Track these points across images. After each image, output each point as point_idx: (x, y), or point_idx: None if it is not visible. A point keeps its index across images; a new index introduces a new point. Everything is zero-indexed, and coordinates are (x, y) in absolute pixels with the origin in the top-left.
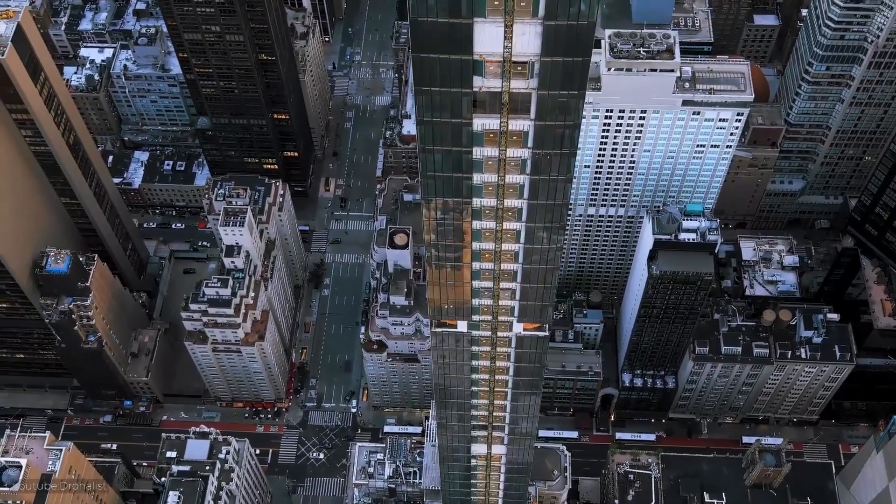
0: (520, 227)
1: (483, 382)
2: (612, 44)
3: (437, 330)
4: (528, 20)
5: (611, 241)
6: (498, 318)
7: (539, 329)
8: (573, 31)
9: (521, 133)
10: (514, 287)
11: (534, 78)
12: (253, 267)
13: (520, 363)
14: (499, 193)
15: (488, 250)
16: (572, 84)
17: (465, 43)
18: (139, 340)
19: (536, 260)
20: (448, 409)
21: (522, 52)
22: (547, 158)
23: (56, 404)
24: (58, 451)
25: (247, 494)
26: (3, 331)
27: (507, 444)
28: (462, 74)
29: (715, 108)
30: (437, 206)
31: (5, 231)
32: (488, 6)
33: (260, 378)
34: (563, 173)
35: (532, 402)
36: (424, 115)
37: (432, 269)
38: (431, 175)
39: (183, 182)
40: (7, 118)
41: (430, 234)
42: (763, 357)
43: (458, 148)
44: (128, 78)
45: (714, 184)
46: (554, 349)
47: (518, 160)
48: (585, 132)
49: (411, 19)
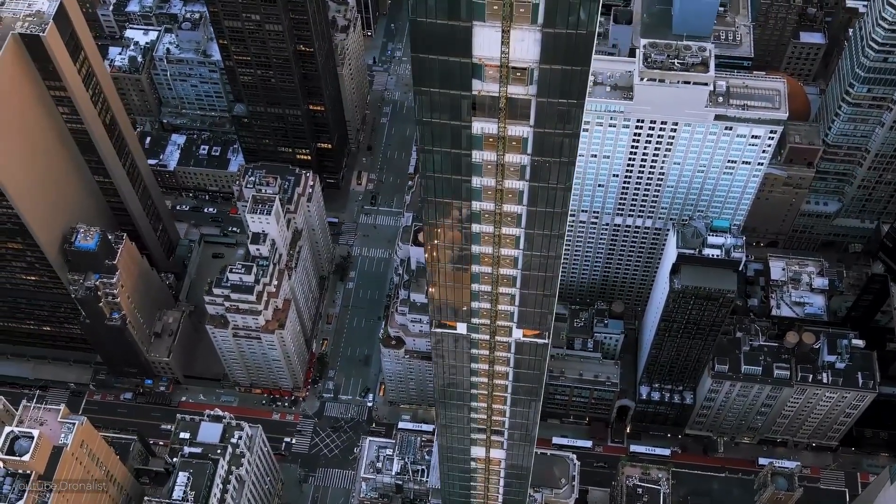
0: (519, 232)
1: (482, 386)
2: (646, 54)
3: (436, 330)
4: (527, 26)
5: (637, 252)
6: (497, 322)
7: (539, 336)
8: (572, 40)
9: (521, 139)
10: (514, 292)
11: (533, 84)
12: (278, 255)
13: (519, 369)
14: (497, 198)
15: (487, 254)
16: (571, 93)
17: (464, 46)
18: (163, 321)
19: (536, 267)
20: (448, 409)
21: (521, 58)
22: (546, 166)
23: (79, 378)
24: (71, 424)
25: (257, 480)
26: (31, 303)
27: (506, 448)
28: (461, 77)
29: (748, 124)
30: (437, 206)
31: (37, 205)
32: (487, 10)
33: (278, 366)
34: (563, 181)
35: (532, 408)
36: (424, 115)
37: (431, 268)
38: (431, 176)
39: (217, 167)
40: (45, 95)
41: (429, 234)
42: (783, 379)
43: (458, 150)
44: (170, 61)
45: (744, 201)
46: (572, 357)
47: (517, 166)
48: (615, 141)
49: (410, 19)
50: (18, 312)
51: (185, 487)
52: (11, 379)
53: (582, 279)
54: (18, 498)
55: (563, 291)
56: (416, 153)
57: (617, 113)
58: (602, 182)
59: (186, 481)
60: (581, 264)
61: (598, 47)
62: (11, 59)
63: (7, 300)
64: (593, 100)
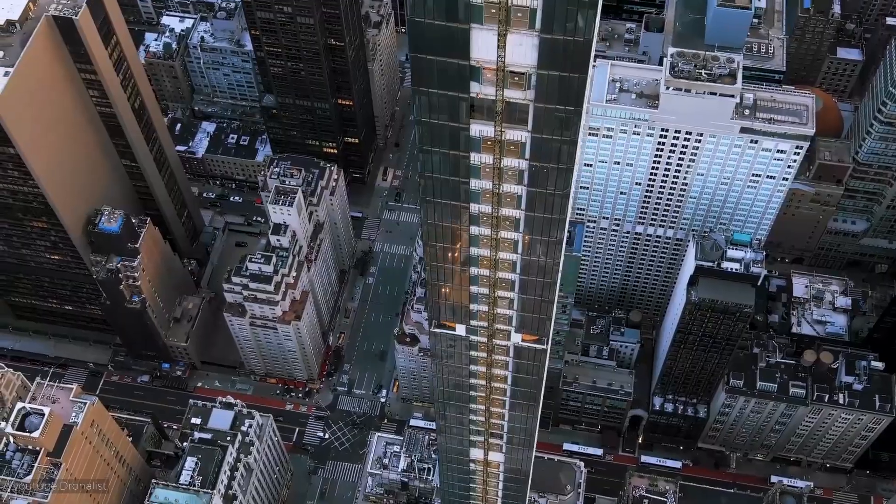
0: (517, 237)
1: (481, 388)
2: (673, 63)
3: (435, 330)
4: (524, 31)
5: (657, 261)
6: (495, 325)
7: (538, 342)
8: (570, 47)
9: (519, 143)
10: (513, 296)
11: (531, 89)
12: (298, 247)
13: (518, 373)
14: (494, 202)
15: (486, 257)
16: (569, 99)
17: (462, 48)
18: (183, 306)
19: (534, 272)
20: (447, 410)
21: (519, 63)
22: (544, 171)
23: (98, 359)
24: (82, 404)
25: (265, 469)
26: (53, 282)
27: (505, 452)
28: (459, 79)
29: (773, 138)
30: (436, 207)
31: (63, 186)
32: (485, 13)
33: (293, 357)
34: (561, 188)
35: (530, 413)
36: (423, 115)
37: (430, 268)
38: (430, 176)
39: (245, 156)
40: (76, 77)
41: (428, 234)
42: (799, 398)
43: (456, 152)
44: (203, 49)
45: (767, 216)
46: (586, 364)
47: (516, 170)
48: (639, 149)
49: (409, 19)
50: (41, 290)
51: (192, 472)
52: (32, 356)
53: (601, 286)
54: (27, 473)
55: (582, 297)
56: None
57: (641, 121)
58: (624, 190)
59: (194, 466)
60: (601, 271)
61: (628, 54)
62: (44, 41)
63: (31, 278)
64: (618, 106)
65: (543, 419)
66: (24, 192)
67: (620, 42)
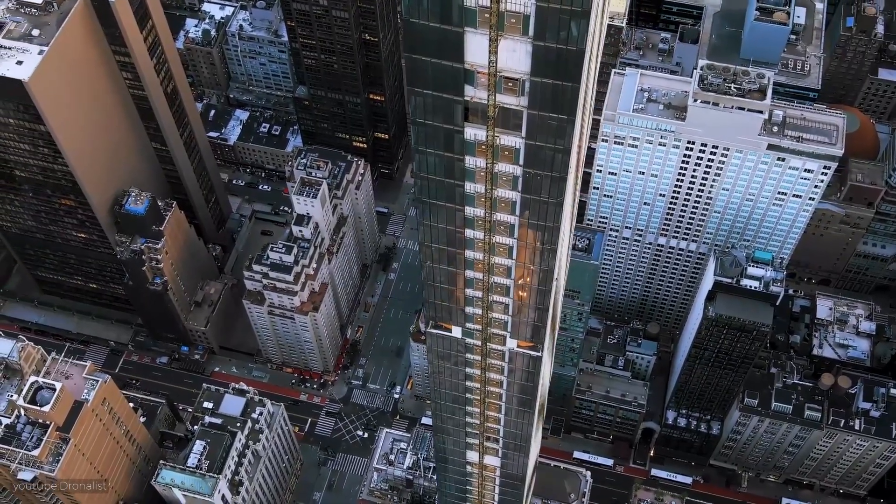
0: (512, 242)
1: (476, 391)
2: (702, 75)
3: (431, 331)
4: (518, 37)
5: (678, 274)
6: (491, 330)
7: (533, 349)
8: (562, 55)
9: (513, 149)
10: (508, 302)
11: (524, 96)
12: (320, 239)
13: (513, 379)
14: (487, 206)
15: (480, 261)
16: (562, 108)
17: (457, 51)
18: (205, 291)
19: (528, 278)
20: (443, 411)
21: (513, 69)
22: (538, 179)
23: (119, 338)
24: (95, 381)
25: (273, 457)
26: (79, 259)
27: (501, 456)
28: (453, 82)
29: (801, 157)
30: (432, 208)
31: (92, 165)
32: (479, 17)
33: (310, 347)
34: (555, 196)
35: (526, 419)
36: (418, 116)
37: (426, 268)
38: (425, 177)
39: (276, 146)
40: (111, 59)
41: (424, 234)
42: (813, 421)
43: (451, 154)
44: (241, 38)
45: (792, 235)
46: (601, 373)
47: (510, 176)
48: (664, 160)
49: (404, 19)
50: (67, 267)
51: (200, 456)
52: (55, 331)
53: (621, 296)
54: (35, 446)
55: (600, 306)
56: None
57: (668, 132)
58: (648, 200)
59: (202, 450)
60: (621, 281)
61: (661, 64)
62: (80, 21)
63: (57, 254)
64: (644, 116)
65: (555, 426)
66: (53, 169)
67: (654, 52)
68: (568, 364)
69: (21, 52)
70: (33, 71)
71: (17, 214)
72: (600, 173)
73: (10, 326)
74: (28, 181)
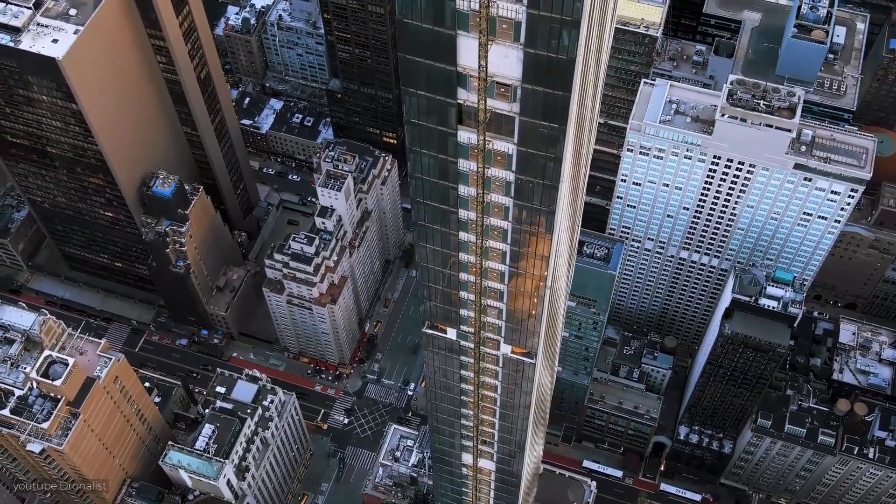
0: (505, 248)
1: (471, 394)
2: (732, 90)
3: (426, 331)
4: (509, 43)
5: (699, 289)
6: (485, 334)
7: (527, 355)
8: (553, 63)
9: (506, 155)
10: (501, 307)
11: (516, 102)
12: (342, 232)
13: (507, 384)
14: (479, 210)
15: (474, 264)
16: (554, 116)
17: (449, 53)
18: (227, 276)
19: (521, 284)
20: (439, 412)
21: (505, 75)
22: (530, 186)
23: (141, 317)
24: (108, 358)
25: (282, 446)
26: (105, 238)
27: (496, 461)
28: (446, 84)
29: (828, 178)
30: (427, 208)
31: (121, 145)
32: (471, 21)
33: (326, 339)
34: (546, 204)
35: (519, 425)
36: (412, 116)
37: (422, 269)
38: (420, 178)
39: (307, 137)
40: (146, 42)
41: (419, 235)
42: (827, 446)
43: (445, 157)
44: (280, 28)
45: (816, 257)
46: (615, 384)
47: (503, 181)
48: (689, 173)
49: (397, 19)
50: (94, 245)
51: (208, 439)
52: (80, 306)
53: (641, 307)
54: (45, 419)
55: (619, 317)
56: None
57: (694, 145)
58: (671, 213)
59: (211, 434)
60: (641, 292)
61: (694, 76)
62: (117, 3)
63: (85, 231)
64: (670, 128)
65: (566, 434)
66: (83, 147)
67: (688, 64)
68: (581, 372)
69: (57, 31)
70: (67, 50)
71: (48, 190)
72: (624, 183)
73: (36, 300)
74: (59, 158)
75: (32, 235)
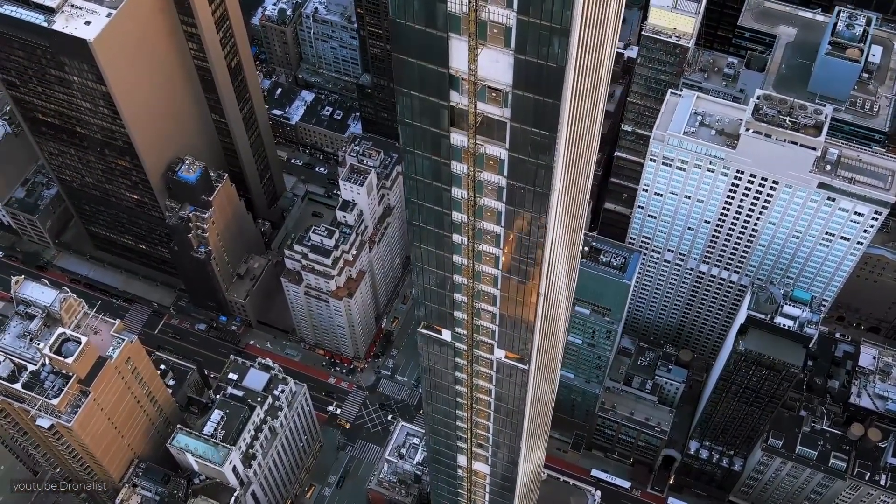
0: (497, 252)
1: (465, 396)
2: (758, 105)
3: (422, 330)
4: (500, 48)
5: (718, 304)
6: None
7: (520, 361)
8: (543, 71)
9: (498, 159)
10: (494, 311)
11: (507, 108)
12: (363, 227)
13: (500, 388)
14: (470, 213)
15: (467, 267)
16: (544, 123)
17: (441, 55)
18: (249, 264)
19: (514, 290)
20: (435, 412)
21: (496, 79)
22: (521, 192)
23: (162, 300)
24: (121, 339)
25: (291, 435)
26: (131, 220)
27: (490, 465)
28: (439, 86)
29: (852, 199)
30: (421, 209)
31: (149, 129)
32: (463, 24)
33: (342, 332)
34: (538, 211)
35: (513, 430)
36: (405, 116)
37: (416, 269)
38: (413, 178)
39: (336, 130)
40: (178, 28)
41: (414, 235)
42: (838, 470)
43: (438, 158)
44: (315, 20)
45: (837, 277)
46: (627, 394)
47: (495, 185)
48: (712, 187)
49: (391, 19)
50: (119, 226)
51: (216, 425)
52: (103, 286)
53: (658, 319)
54: (55, 395)
55: (636, 327)
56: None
57: (717, 158)
58: (692, 226)
59: (219, 419)
60: (659, 304)
61: (724, 89)
62: None
63: (111, 212)
64: (694, 140)
65: (576, 441)
66: (111, 129)
67: (719, 76)
68: (593, 380)
69: (90, 13)
70: (99, 32)
71: (77, 170)
72: (646, 192)
73: (61, 277)
74: (88, 138)
75: (61, 214)
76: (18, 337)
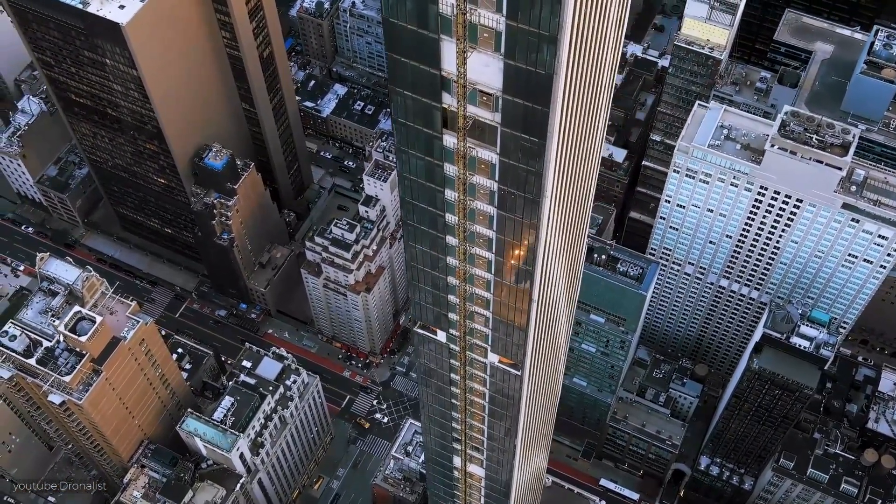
0: (490, 256)
1: (460, 398)
2: (785, 121)
3: (417, 330)
4: (490, 52)
5: (737, 320)
6: (472, 340)
7: (513, 366)
8: (532, 77)
9: (489, 163)
10: (488, 315)
11: (498, 112)
12: (385, 222)
13: (494, 392)
14: (461, 216)
15: (460, 269)
16: (533, 130)
17: (433, 57)
18: (271, 254)
19: (506, 294)
20: (431, 412)
21: (486, 83)
22: (512, 197)
23: (185, 284)
24: (136, 321)
25: (301, 426)
26: (157, 203)
27: (485, 467)
28: (431, 87)
29: (876, 221)
30: (415, 209)
31: (178, 115)
32: (453, 26)
33: (359, 326)
34: (528, 217)
35: (507, 434)
36: (399, 116)
37: (410, 269)
38: (408, 178)
39: (366, 125)
40: (212, 16)
41: (408, 235)
42: (848, 496)
43: (431, 159)
44: (352, 15)
45: (859, 300)
46: (640, 405)
47: (487, 189)
48: (735, 201)
49: (383, 17)
50: (146, 209)
51: (227, 411)
52: (128, 267)
53: (676, 332)
54: (68, 373)
55: (653, 338)
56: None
57: (741, 173)
58: (714, 240)
59: (230, 406)
60: (678, 317)
61: (756, 103)
62: None
63: (139, 195)
64: (718, 153)
65: (587, 450)
66: (141, 113)
67: (751, 89)
68: (605, 390)
69: None
70: (132, 16)
71: (107, 151)
72: (668, 203)
73: (88, 256)
74: (118, 121)
75: (90, 194)
76: (41, 313)
